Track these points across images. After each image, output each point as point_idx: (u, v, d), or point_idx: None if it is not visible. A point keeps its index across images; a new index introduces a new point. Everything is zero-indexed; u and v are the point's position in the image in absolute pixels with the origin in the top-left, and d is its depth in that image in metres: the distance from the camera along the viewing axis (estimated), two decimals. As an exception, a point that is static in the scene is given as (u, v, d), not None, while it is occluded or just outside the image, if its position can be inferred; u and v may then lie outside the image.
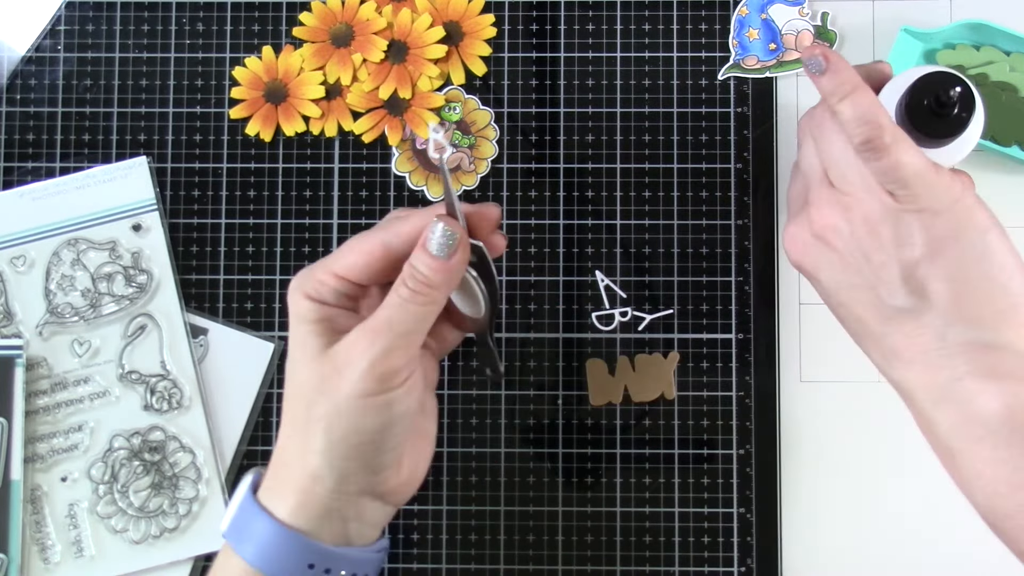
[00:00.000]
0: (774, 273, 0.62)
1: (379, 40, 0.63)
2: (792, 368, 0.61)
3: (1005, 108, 0.60)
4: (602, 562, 0.61)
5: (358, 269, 0.48)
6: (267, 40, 0.64)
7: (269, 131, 0.63)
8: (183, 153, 0.64)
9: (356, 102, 0.63)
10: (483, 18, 0.64)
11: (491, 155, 0.63)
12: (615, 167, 0.63)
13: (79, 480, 0.60)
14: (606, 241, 0.63)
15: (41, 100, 0.64)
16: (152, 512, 0.60)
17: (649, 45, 0.64)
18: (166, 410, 0.61)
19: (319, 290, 0.48)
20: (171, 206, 0.63)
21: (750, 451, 0.61)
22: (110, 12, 0.65)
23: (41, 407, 0.61)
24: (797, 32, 0.63)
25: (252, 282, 0.63)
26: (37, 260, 0.62)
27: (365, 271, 0.48)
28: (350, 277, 0.48)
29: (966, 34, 0.61)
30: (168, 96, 0.64)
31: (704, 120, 0.63)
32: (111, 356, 0.61)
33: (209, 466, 0.61)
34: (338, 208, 0.63)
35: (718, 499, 0.61)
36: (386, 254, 0.48)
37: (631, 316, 0.62)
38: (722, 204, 0.63)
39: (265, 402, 0.62)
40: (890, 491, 0.61)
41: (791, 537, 0.61)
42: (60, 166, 0.64)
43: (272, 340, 0.62)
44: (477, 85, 0.64)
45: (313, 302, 0.48)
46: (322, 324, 0.47)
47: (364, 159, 0.64)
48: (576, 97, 0.64)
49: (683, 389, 0.62)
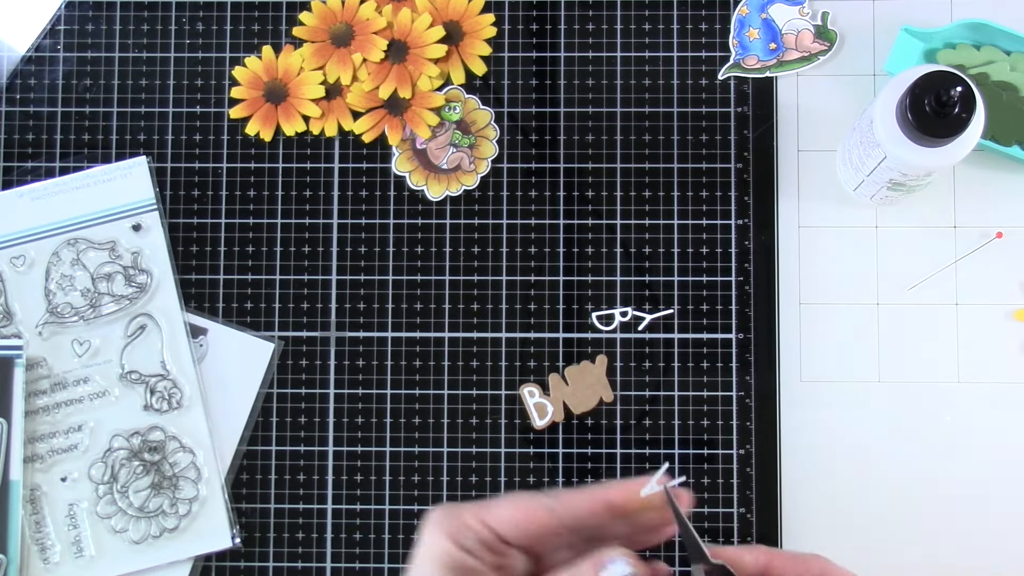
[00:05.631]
0: (774, 273, 0.62)
1: (379, 40, 0.63)
2: (792, 368, 0.61)
3: (1005, 108, 0.60)
4: (602, 562, 0.60)
5: (512, 525, 0.45)
6: (267, 40, 0.64)
7: (269, 131, 0.63)
8: (183, 153, 0.64)
9: (356, 102, 0.63)
10: (483, 18, 0.64)
11: (491, 155, 0.63)
12: (615, 167, 0.63)
13: (79, 480, 0.60)
14: (606, 241, 0.63)
15: (41, 100, 0.64)
16: (152, 512, 0.60)
17: (649, 45, 0.64)
18: (166, 410, 0.61)
19: (464, 535, 0.45)
20: (171, 206, 0.63)
21: (750, 451, 0.61)
22: (110, 12, 0.65)
23: (41, 407, 0.61)
24: (797, 32, 0.63)
25: (252, 282, 0.63)
26: (37, 260, 0.62)
27: (519, 530, 0.45)
28: (500, 531, 0.45)
29: (966, 34, 0.61)
30: (168, 96, 0.64)
31: (704, 120, 0.63)
32: (111, 356, 0.61)
33: (209, 466, 0.61)
34: (338, 208, 0.63)
35: (718, 499, 0.61)
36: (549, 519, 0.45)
37: (631, 316, 0.62)
38: (722, 204, 0.63)
39: (265, 402, 0.62)
40: (890, 491, 0.61)
41: (791, 537, 0.61)
42: (60, 166, 0.64)
43: (272, 340, 0.62)
44: (477, 85, 0.64)
45: (454, 546, 0.44)
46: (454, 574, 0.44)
47: (364, 159, 0.64)
48: (576, 97, 0.64)
49: (683, 389, 0.62)
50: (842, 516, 0.61)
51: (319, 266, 0.63)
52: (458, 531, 0.45)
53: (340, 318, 0.63)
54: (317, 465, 0.62)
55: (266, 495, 0.61)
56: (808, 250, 0.62)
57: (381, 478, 0.62)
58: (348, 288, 0.63)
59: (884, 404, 0.61)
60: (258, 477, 0.61)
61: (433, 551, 0.45)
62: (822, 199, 0.62)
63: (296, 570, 0.61)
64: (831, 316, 0.62)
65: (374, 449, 0.62)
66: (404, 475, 0.61)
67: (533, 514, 0.46)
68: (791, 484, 0.61)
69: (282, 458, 0.62)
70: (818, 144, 0.63)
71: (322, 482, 0.61)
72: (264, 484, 0.61)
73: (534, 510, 0.46)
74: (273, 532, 0.61)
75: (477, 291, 0.62)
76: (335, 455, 0.62)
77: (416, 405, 0.62)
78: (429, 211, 0.63)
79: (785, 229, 0.62)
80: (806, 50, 0.63)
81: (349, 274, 0.63)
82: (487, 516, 0.45)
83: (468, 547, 0.45)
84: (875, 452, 0.61)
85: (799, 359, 0.62)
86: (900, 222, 0.62)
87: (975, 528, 0.60)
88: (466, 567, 0.45)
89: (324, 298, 0.63)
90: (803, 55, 0.63)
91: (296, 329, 0.62)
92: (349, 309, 0.63)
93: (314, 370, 0.62)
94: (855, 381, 0.61)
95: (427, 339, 0.62)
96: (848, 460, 0.61)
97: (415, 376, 0.62)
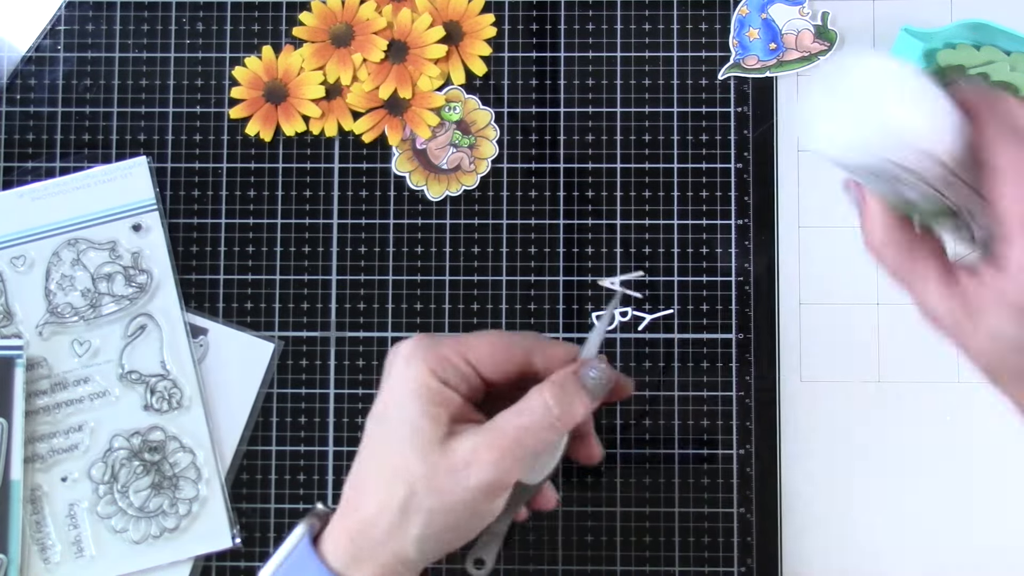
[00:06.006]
0: (774, 273, 0.62)
1: (379, 40, 0.63)
2: (792, 368, 0.61)
3: (1005, 108, 0.60)
4: (602, 562, 0.61)
5: (492, 364, 0.46)
6: (267, 40, 0.64)
7: (269, 131, 0.63)
8: (183, 153, 0.64)
9: (356, 102, 0.63)
10: (483, 18, 0.64)
11: (491, 155, 0.63)
12: (615, 167, 0.63)
13: (79, 480, 0.60)
14: (606, 241, 0.63)
15: (41, 100, 0.64)
16: (152, 512, 0.60)
17: (649, 45, 0.64)
18: (166, 410, 0.61)
19: (446, 370, 0.46)
20: (171, 206, 0.63)
21: (750, 451, 0.61)
22: (110, 12, 0.65)
23: (41, 407, 0.61)
24: (797, 32, 0.63)
25: (252, 282, 0.63)
26: (37, 260, 0.62)
27: (495, 369, 0.46)
28: (479, 368, 0.46)
29: (966, 34, 0.61)
30: (168, 96, 0.64)
31: (704, 120, 0.63)
32: (111, 356, 0.61)
33: (209, 466, 0.61)
34: (338, 208, 0.63)
35: (718, 499, 0.61)
36: (524, 363, 0.47)
37: (631, 316, 0.62)
38: (722, 204, 0.63)
39: (265, 402, 0.62)
40: (890, 491, 0.61)
41: (791, 537, 0.61)
42: (60, 166, 0.64)
43: (272, 340, 0.62)
44: (477, 85, 0.64)
45: (434, 379, 0.45)
46: (441, 410, 0.45)
47: (364, 159, 0.64)
48: (576, 97, 0.64)
49: (683, 389, 0.62)
50: (842, 516, 0.61)
51: (319, 266, 0.63)
52: (438, 363, 0.45)
53: (340, 318, 0.63)
54: (317, 465, 0.62)
55: (266, 495, 0.61)
56: (808, 250, 0.62)
57: (381, 478, 0.62)
58: (348, 288, 0.63)
59: (884, 404, 0.61)
60: (258, 477, 0.61)
61: (413, 382, 0.45)
62: (822, 199, 0.62)
63: (296, 570, 0.61)
64: (831, 316, 0.62)
65: (374, 449, 0.62)
66: (404, 475, 0.61)
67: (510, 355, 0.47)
68: (791, 484, 0.61)
69: (282, 458, 0.62)
70: (818, 144, 0.63)
71: (322, 482, 0.61)
72: (264, 484, 0.61)
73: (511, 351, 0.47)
74: (273, 532, 0.61)
75: (477, 291, 0.62)
76: (335, 455, 0.62)
77: (416, 405, 0.62)
78: (429, 211, 0.63)
79: (785, 229, 0.62)
80: (806, 50, 0.63)
81: (349, 274, 0.63)
82: (467, 352, 0.46)
83: (447, 380, 0.46)
84: (875, 452, 0.61)
85: (799, 359, 0.62)
86: (900, 222, 0.62)
87: (975, 527, 0.60)
88: (445, 398, 0.45)
89: (324, 298, 0.63)
90: (803, 55, 0.63)
91: (296, 329, 0.63)
92: (349, 309, 0.63)
93: (314, 370, 0.62)
94: (855, 381, 0.61)
95: (427, 339, 0.62)
96: (848, 460, 0.61)
97: (415, 376, 0.62)
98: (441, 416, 0.45)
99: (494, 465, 0.44)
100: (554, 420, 0.45)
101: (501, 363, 0.47)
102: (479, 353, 0.47)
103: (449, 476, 0.44)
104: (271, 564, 0.47)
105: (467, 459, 0.44)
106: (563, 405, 0.45)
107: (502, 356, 0.47)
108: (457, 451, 0.44)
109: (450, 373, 0.46)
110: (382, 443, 0.46)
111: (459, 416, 0.46)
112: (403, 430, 0.45)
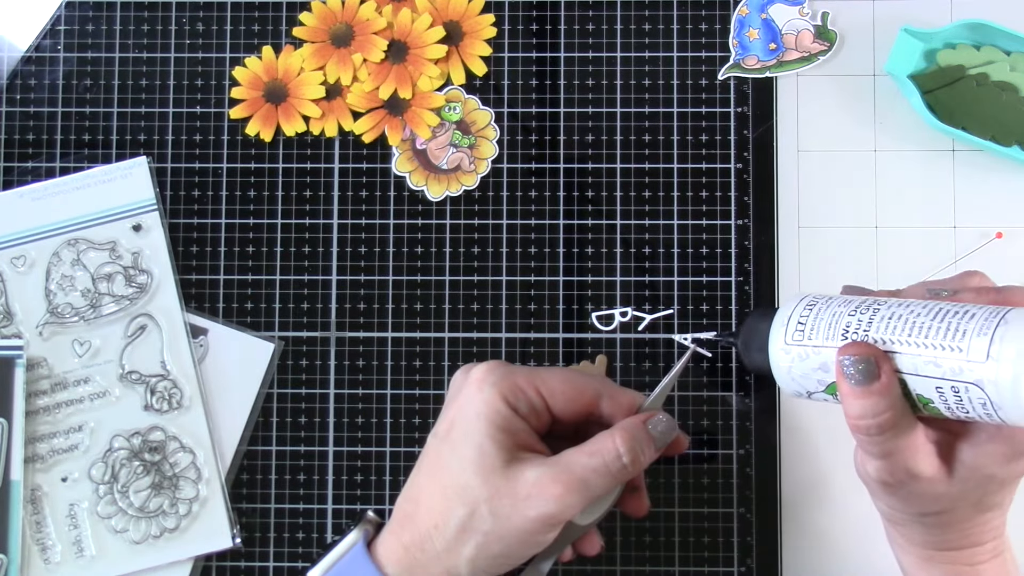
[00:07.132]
0: (774, 273, 0.62)
1: (379, 40, 0.63)
2: (792, 368, 0.61)
3: (1005, 108, 0.60)
4: (602, 562, 0.61)
5: (562, 400, 0.46)
6: (267, 40, 0.64)
7: (269, 131, 0.63)
8: (183, 153, 0.64)
9: (356, 102, 0.63)
10: (483, 18, 0.64)
11: (491, 155, 0.63)
12: (615, 167, 0.63)
13: (79, 480, 0.60)
14: (606, 241, 0.63)
15: (41, 100, 0.64)
16: (152, 512, 0.60)
17: (649, 45, 0.64)
18: (166, 410, 0.61)
19: (518, 398, 0.46)
20: (171, 206, 0.63)
21: (750, 451, 0.61)
22: (110, 12, 0.65)
23: (41, 407, 0.61)
24: (797, 32, 0.63)
25: (252, 282, 0.63)
26: (37, 260, 0.62)
27: (566, 406, 0.47)
28: (550, 402, 0.47)
29: (966, 34, 0.61)
30: (168, 96, 0.64)
31: (704, 120, 0.63)
32: (111, 356, 0.61)
33: (209, 466, 0.61)
34: (338, 208, 0.63)
35: (718, 499, 0.61)
36: (592, 403, 0.47)
37: (631, 316, 0.62)
38: (722, 204, 0.63)
39: (265, 402, 0.62)
40: (890, 491, 0.61)
41: (791, 537, 0.61)
42: (60, 166, 0.64)
43: (272, 340, 0.62)
44: (477, 85, 0.64)
45: (507, 406, 0.46)
46: (507, 436, 0.45)
47: (364, 159, 0.64)
48: (576, 97, 0.64)
49: (683, 389, 0.62)
50: (842, 516, 0.61)
51: (319, 266, 0.63)
52: (511, 391, 0.46)
53: (340, 318, 0.63)
54: (317, 465, 0.62)
55: (266, 495, 0.61)
56: (808, 250, 0.62)
57: (381, 478, 0.62)
58: (348, 288, 0.63)
59: (884, 404, 0.61)
60: (258, 477, 0.62)
61: (484, 405, 0.45)
62: (822, 199, 0.62)
63: (296, 570, 0.61)
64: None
65: (374, 449, 0.62)
66: (404, 475, 0.61)
67: (583, 395, 0.47)
68: (791, 484, 0.61)
69: (282, 458, 0.62)
70: (818, 144, 0.63)
71: (322, 482, 0.62)
72: (264, 484, 0.62)
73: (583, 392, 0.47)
74: (273, 532, 0.61)
75: (477, 291, 0.62)
76: (335, 455, 0.62)
77: (416, 405, 0.62)
78: (429, 211, 0.63)
79: (785, 229, 0.62)
80: (806, 50, 0.63)
81: (349, 274, 0.63)
82: (540, 384, 0.47)
83: (518, 408, 0.46)
84: (875, 452, 0.61)
85: (799, 359, 0.61)
86: (900, 222, 0.62)
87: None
88: (514, 425, 0.46)
89: (324, 298, 0.63)
90: (803, 55, 0.63)
91: (296, 329, 0.63)
92: (349, 309, 0.63)
93: (314, 370, 0.62)
94: (855, 381, 0.61)
95: (427, 339, 0.62)
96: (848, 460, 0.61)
97: (415, 376, 0.62)
98: (507, 442, 0.45)
99: (557, 500, 0.44)
100: (622, 466, 0.45)
101: (571, 400, 0.47)
102: (551, 387, 0.47)
103: (510, 502, 0.44)
104: (323, 564, 0.47)
105: (530, 489, 0.44)
106: (632, 453, 0.45)
107: (573, 394, 0.47)
108: (521, 479, 0.44)
109: (521, 402, 0.46)
110: (445, 461, 0.46)
111: (524, 446, 0.46)
112: (468, 451, 0.45)
